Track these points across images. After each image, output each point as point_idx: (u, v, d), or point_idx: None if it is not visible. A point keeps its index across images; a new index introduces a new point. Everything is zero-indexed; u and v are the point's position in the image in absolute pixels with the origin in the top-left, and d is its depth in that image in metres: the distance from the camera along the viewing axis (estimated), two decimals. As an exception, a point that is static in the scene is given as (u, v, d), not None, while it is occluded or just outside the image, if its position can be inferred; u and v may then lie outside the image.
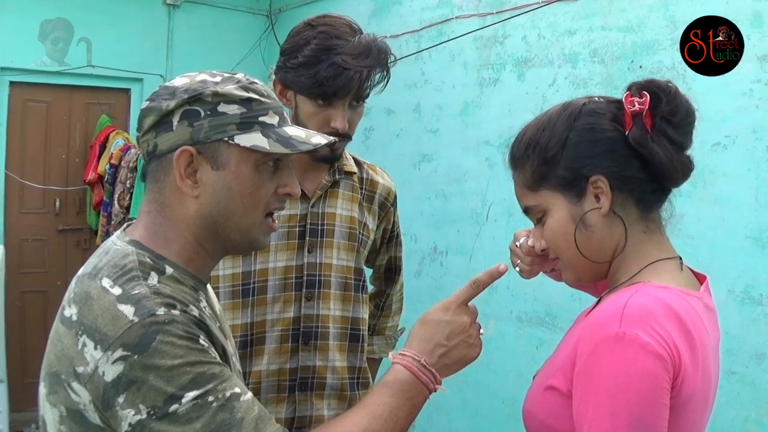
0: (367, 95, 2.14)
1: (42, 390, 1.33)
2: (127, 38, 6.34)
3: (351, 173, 2.30)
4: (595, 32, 3.96)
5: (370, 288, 2.53)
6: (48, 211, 6.32)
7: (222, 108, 1.37)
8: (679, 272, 1.52)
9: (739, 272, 3.28)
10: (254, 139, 1.37)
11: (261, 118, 1.40)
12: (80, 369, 1.23)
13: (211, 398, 1.22)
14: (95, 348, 1.22)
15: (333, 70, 2.01)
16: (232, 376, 1.29)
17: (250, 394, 1.30)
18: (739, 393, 3.19)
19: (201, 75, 1.41)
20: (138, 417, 1.19)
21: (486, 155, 4.65)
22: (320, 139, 1.45)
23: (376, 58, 2.07)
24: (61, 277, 6.32)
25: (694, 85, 3.30)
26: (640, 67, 3.70)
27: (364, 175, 2.35)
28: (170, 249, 1.39)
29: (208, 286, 1.56)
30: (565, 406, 1.40)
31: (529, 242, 1.73)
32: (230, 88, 1.38)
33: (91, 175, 6.08)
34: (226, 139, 1.36)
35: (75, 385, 1.25)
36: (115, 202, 5.86)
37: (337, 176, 2.26)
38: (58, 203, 6.32)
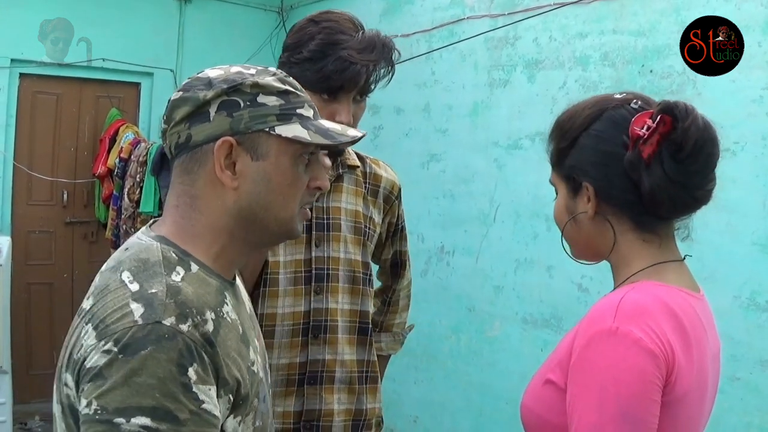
0: (372, 90, 2.16)
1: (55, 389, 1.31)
2: (138, 32, 6.36)
3: (354, 167, 2.32)
4: (606, 36, 3.96)
5: (377, 284, 2.53)
6: (56, 203, 6.33)
7: (261, 99, 1.35)
8: (683, 274, 1.53)
9: (745, 278, 3.28)
10: (294, 130, 1.35)
11: (298, 111, 1.39)
12: (75, 355, 1.21)
13: None
14: (94, 337, 1.19)
15: (339, 64, 2.03)
16: None
17: None
18: (743, 398, 3.19)
19: (234, 67, 1.40)
20: (86, 411, 1.15)
21: (494, 156, 4.65)
22: (356, 133, 1.45)
23: (381, 53, 2.09)
24: (68, 269, 6.34)
25: (704, 91, 3.31)
26: (651, 71, 3.70)
27: (368, 169, 2.36)
28: (198, 245, 1.36)
29: (237, 281, 1.52)
30: (562, 400, 1.41)
31: None
32: (269, 80, 1.37)
33: (100, 169, 6.10)
34: (266, 129, 1.34)
35: (66, 375, 1.23)
36: (125, 196, 5.87)
37: (340, 170, 2.27)
38: (65, 195, 6.33)
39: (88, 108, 6.41)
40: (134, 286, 1.24)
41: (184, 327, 1.20)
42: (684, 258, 1.56)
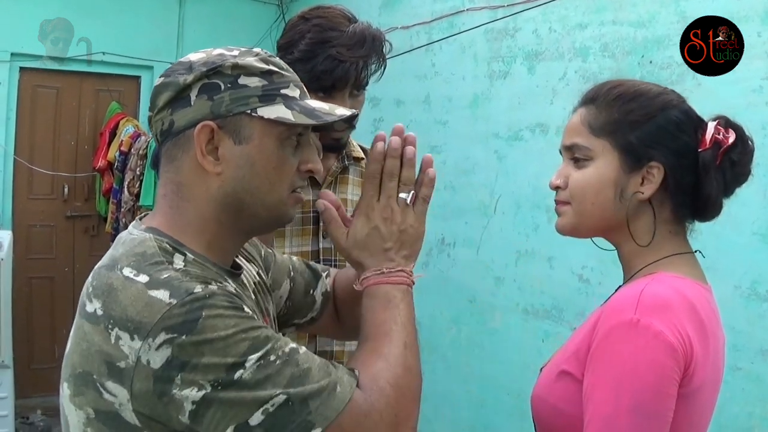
0: (366, 83, 2.17)
1: (65, 391, 1.25)
2: (138, 26, 6.36)
3: (359, 159, 2.33)
4: (606, 26, 3.95)
5: None
6: (56, 197, 6.35)
7: (243, 80, 1.32)
8: (695, 266, 1.55)
9: (746, 268, 3.27)
10: (278, 111, 1.31)
11: (283, 91, 1.35)
12: (121, 364, 1.16)
13: (272, 357, 1.18)
14: (132, 339, 1.15)
15: (329, 63, 2.05)
16: (283, 335, 1.26)
17: (304, 347, 1.26)
18: (744, 388, 3.19)
19: (217, 49, 1.38)
20: (202, 392, 1.14)
21: (495, 148, 4.64)
22: (344, 111, 1.40)
23: (371, 47, 2.10)
24: (69, 263, 6.35)
25: (704, 81, 3.29)
26: (651, 62, 3.70)
27: None
28: (189, 235, 1.33)
29: (244, 274, 1.48)
30: (577, 391, 1.41)
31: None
32: (250, 60, 1.35)
33: (100, 162, 6.11)
34: (248, 111, 1.30)
35: (110, 384, 1.17)
36: (125, 190, 5.87)
37: (346, 162, 2.29)
38: (66, 189, 6.34)
39: (89, 102, 6.42)
40: (143, 278, 1.21)
41: (213, 287, 1.21)
42: (696, 252, 1.58)
